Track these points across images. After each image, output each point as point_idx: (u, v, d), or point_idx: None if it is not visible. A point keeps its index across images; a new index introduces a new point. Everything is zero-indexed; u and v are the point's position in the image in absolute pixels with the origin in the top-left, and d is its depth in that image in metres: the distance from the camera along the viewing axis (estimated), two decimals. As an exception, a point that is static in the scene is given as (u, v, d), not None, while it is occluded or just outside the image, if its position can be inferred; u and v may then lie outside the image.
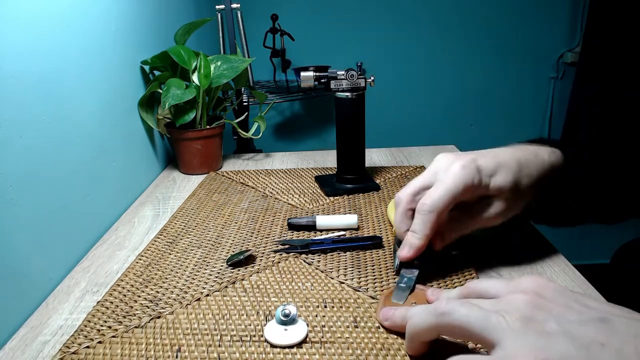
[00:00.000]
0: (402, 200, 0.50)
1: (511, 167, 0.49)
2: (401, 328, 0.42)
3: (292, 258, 0.58)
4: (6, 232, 0.49)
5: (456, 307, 0.35)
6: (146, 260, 0.59)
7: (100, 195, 0.69)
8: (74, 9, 0.64)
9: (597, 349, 0.29)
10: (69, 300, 0.53)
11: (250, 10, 1.63)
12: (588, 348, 0.29)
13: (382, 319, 0.44)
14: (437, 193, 0.47)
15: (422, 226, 0.47)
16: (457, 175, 0.47)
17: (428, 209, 0.47)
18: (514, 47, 1.79)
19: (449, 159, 0.49)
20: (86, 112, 0.67)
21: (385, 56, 1.80)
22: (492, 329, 0.32)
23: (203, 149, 0.87)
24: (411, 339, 0.39)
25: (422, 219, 0.47)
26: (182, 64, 0.83)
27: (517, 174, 0.49)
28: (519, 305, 0.33)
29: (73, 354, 0.43)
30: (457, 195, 0.47)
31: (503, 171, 0.49)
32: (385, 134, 1.78)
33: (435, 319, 0.36)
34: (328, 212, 0.70)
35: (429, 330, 0.37)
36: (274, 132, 1.88)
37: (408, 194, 0.50)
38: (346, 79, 0.72)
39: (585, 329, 0.31)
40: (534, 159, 0.51)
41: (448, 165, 0.48)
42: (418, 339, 0.39)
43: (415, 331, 0.38)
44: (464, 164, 0.47)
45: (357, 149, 0.77)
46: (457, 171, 0.47)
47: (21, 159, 0.52)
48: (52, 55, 0.59)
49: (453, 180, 0.47)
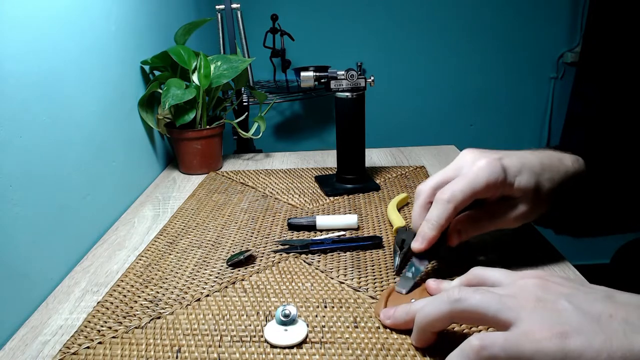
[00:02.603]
0: (423, 193, 0.50)
1: (536, 170, 0.49)
2: (405, 325, 0.42)
3: (292, 258, 0.58)
4: (6, 232, 0.49)
5: (469, 293, 0.36)
6: (146, 260, 0.59)
7: (100, 195, 0.69)
8: (74, 9, 0.64)
9: (606, 320, 0.32)
10: (69, 300, 0.53)
11: (250, 10, 1.63)
12: (599, 319, 0.32)
13: (383, 318, 0.44)
14: (458, 185, 0.47)
15: (438, 216, 0.47)
16: (482, 169, 0.47)
17: (447, 199, 0.46)
18: (514, 47, 1.79)
19: (475, 155, 0.49)
20: (86, 112, 0.67)
21: (385, 56, 1.80)
22: (507, 309, 0.34)
23: (203, 149, 0.87)
24: (423, 330, 0.39)
25: (439, 208, 0.47)
26: (182, 64, 0.83)
27: (540, 177, 0.49)
28: (529, 288, 0.35)
29: (73, 354, 0.43)
30: (479, 190, 0.46)
31: (527, 172, 0.48)
32: (385, 134, 1.78)
33: (450, 306, 0.36)
34: (328, 212, 0.70)
35: (442, 318, 0.37)
36: (274, 132, 1.88)
37: (429, 187, 0.49)
38: (346, 79, 0.72)
39: (593, 305, 0.33)
40: (557, 164, 0.50)
41: (474, 161, 0.48)
42: (431, 329, 0.39)
43: (428, 320, 0.38)
44: (490, 161, 0.47)
45: (357, 149, 0.77)
46: (482, 166, 0.47)
47: (21, 159, 0.52)
48: (52, 55, 0.59)
49: (476, 175, 0.46)
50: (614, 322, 0.31)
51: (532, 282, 0.36)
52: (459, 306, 0.36)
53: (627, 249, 0.92)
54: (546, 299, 0.34)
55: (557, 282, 0.36)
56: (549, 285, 0.35)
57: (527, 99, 1.86)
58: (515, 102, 1.86)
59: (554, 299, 0.34)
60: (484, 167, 0.47)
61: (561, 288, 0.35)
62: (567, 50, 1.79)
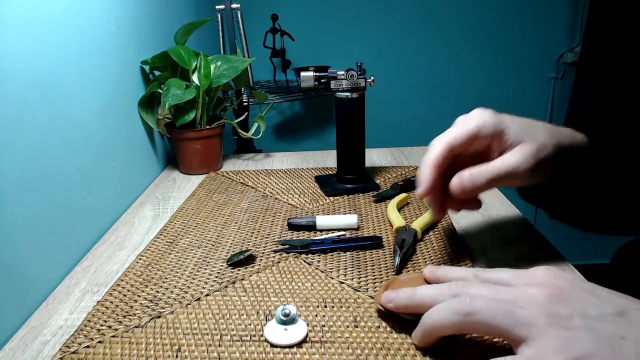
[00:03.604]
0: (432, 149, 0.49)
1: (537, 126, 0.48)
2: (404, 309, 0.42)
3: (292, 258, 0.58)
4: (6, 232, 0.49)
5: (480, 305, 0.35)
6: (146, 260, 0.59)
7: (100, 195, 0.69)
8: (74, 9, 0.64)
9: (619, 343, 0.31)
10: (69, 300, 0.53)
11: (250, 10, 1.63)
12: (612, 344, 0.31)
13: (384, 301, 0.43)
14: (451, 129, 0.47)
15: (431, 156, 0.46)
16: (473, 114, 0.48)
17: (440, 140, 0.47)
18: (514, 47, 1.79)
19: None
20: (86, 112, 0.67)
21: (385, 56, 1.80)
22: (519, 326, 0.33)
23: (203, 149, 0.87)
24: (428, 334, 0.39)
25: (431, 150, 0.47)
26: (182, 64, 0.83)
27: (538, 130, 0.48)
28: (540, 299, 0.34)
29: (73, 353, 0.43)
30: (471, 129, 0.46)
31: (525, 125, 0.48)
32: (385, 134, 1.78)
33: (460, 318, 0.36)
34: (328, 212, 0.70)
35: (451, 328, 0.37)
36: (274, 132, 1.88)
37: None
38: (346, 79, 0.72)
39: (605, 324, 0.33)
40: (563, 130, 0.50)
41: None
42: (436, 334, 0.39)
43: (435, 327, 0.38)
44: (483, 109, 0.48)
45: (357, 149, 0.77)
46: (474, 112, 0.48)
47: (21, 159, 0.52)
48: (52, 55, 0.59)
49: (467, 119, 0.47)
50: (626, 345, 0.31)
51: (543, 292, 0.35)
52: (470, 319, 0.35)
53: (627, 249, 0.92)
54: (558, 314, 0.33)
55: (568, 290, 0.35)
56: (560, 296, 0.34)
57: (527, 99, 1.86)
58: (515, 102, 1.86)
59: (567, 314, 0.33)
60: (475, 112, 0.48)
61: (573, 300, 0.34)
62: (567, 50, 1.79)
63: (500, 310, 0.34)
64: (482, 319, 0.35)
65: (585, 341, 0.32)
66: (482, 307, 0.35)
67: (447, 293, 0.39)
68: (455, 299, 0.37)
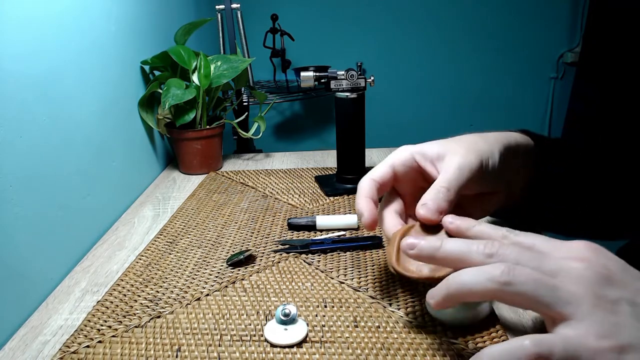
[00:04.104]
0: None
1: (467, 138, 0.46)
2: (427, 260, 0.37)
3: (292, 258, 0.58)
4: (6, 232, 0.49)
5: (522, 275, 0.31)
6: (146, 260, 0.59)
7: (100, 195, 0.69)
8: (74, 9, 0.64)
9: None
10: (69, 300, 0.53)
11: (250, 10, 1.63)
12: None
13: (405, 247, 0.38)
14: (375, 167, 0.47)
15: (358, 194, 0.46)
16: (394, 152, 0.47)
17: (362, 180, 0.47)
18: (514, 47, 1.79)
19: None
20: (86, 112, 0.67)
21: (385, 56, 1.80)
22: (562, 303, 0.30)
23: (203, 149, 0.87)
24: (452, 296, 0.34)
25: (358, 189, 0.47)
26: (182, 64, 0.83)
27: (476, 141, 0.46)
28: (588, 277, 0.31)
29: (73, 353, 0.43)
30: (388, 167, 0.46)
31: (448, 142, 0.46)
32: (385, 134, 1.78)
33: (497, 287, 0.31)
34: (328, 212, 0.70)
35: (484, 296, 0.33)
36: (274, 132, 1.88)
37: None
38: (346, 79, 0.72)
39: None
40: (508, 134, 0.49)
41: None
42: (463, 299, 0.34)
43: (463, 291, 0.33)
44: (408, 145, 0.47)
45: (357, 149, 0.77)
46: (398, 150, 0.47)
47: (21, 159, 0.52)
48: (52, 55, 0.59)
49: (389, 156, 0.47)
50: None
51: (591, 271, 0.32)
52: (509, 290, 0.31)
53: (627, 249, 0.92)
54: (606, 297, 0.31)
55: (614, 270, 0.32)
56: (609, 277, 0.32)
57: (527, 99, 1.86)
58: (515, 102, 1.86)
59: (615, 299, 0.31)
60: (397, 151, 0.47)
61: (622, 285, 0.32)
62: (567, 50, 1.80)
63: (543, 284, 0.31)
64: (522, 291, 0.31)
65: (632, 330, 0.29)
66: (524, 278, 0.31)
67: (482, 251, 0.34)
68: (492, 266, 0.32)
